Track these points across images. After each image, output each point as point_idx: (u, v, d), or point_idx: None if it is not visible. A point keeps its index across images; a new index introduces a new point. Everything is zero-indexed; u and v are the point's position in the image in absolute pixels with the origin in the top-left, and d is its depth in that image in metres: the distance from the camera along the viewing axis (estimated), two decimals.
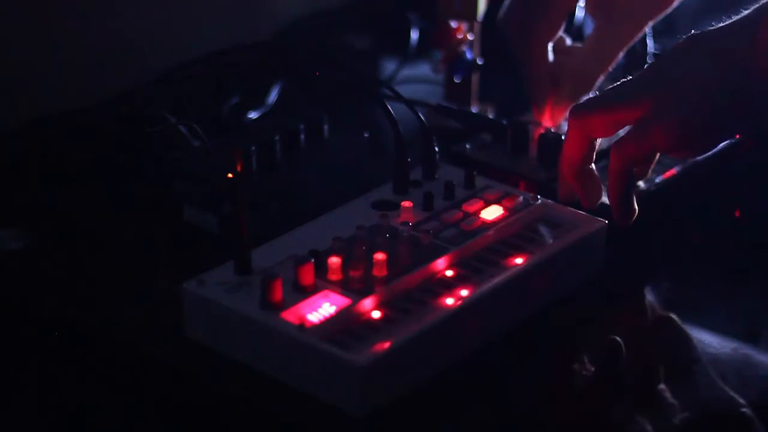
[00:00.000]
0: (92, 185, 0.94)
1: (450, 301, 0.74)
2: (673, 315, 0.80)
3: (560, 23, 0.96)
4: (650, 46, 0.96)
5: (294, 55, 1.07)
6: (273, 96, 1.07)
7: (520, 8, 0.96)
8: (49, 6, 1.05)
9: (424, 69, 1.12)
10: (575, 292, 0.81)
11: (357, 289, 0.73)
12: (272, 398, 0.71)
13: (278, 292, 0.72)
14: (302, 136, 0.99)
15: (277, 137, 0.96)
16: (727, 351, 0.77)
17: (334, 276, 0.74)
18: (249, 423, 0.72)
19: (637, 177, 0.85)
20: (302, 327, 0.70)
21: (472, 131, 0.98)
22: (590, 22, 1.00)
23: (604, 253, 0.83)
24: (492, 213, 0.82)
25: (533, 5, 0.95)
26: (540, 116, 0.97)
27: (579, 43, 0.99)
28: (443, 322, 0.72)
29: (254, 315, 0.71)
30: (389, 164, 0.85)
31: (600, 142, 0.81)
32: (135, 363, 0.77)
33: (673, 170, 0.90)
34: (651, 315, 0.82)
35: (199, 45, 1.07)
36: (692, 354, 0.76)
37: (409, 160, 0.85)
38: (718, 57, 0.75)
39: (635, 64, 0.92)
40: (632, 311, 0.82)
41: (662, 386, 0.73)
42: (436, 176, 0.87)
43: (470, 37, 1.04)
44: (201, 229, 0.87)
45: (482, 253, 0.78)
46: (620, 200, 0.80)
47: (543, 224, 0.82)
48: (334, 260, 0.74)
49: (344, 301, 0.72)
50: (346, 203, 0.83)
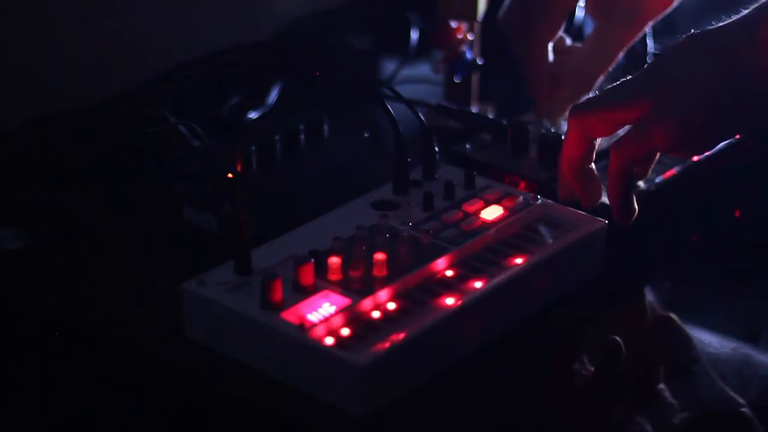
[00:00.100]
0: (92, 185, 0.94)
1: (450, 301, 0.74)
2: (673, 315, 0.80)
3: (560, 23, 0.96)
4: (650, 46, 0.96)
5: (294, 55, 1.07)
6: (273, 96, 1.07)
7: (520, 8, 0.96)
8: (49, 6, 1.05)
9: (424, 69, 1.12)
10: (575, 292, 0.81)
11: (357, 289, 0.73)
12: (272, 398, 0.71)
13: (278, 292, 0.72)
14: (302, 136, 0.99)
15: (277, 137, 0.96)
16: (727, 351, 0.77)
17: (334, 276, 0.74)
18: (249, 423, 0.72)
19: (637, 177, 0.84)
20: (302, 327, 0.70)
21: (472, 131, 0.98)
22: (590, 22, 1.00)
23: (604, 253, 0.83)
24: (492, 213, 0.82)
25: (533, 5, 0.95)
26: (540, 116, 0.97)
27: (579, 43, 0.99)
28: (443, 322, 0.72)
29: (254, 315, 0.71)
30: (389, 164, 0.85)
31: (600, 142, 0.81)
32: (135, 363, 0.77)
33: (673, 170, 0.90)
34: (651, 315, 0.82)
35: (199, 45, 1.07)
36: (692, 354, 0.76)
37: (409, 160, 0.85)
38: (717, 56, 0.75)
39: (635, 64, 0.92)
40: (632, 311, 0.82)
41: (662, 386, 0.73)
42: (436, 176, 0.87)
43: (470, 37, 1.04)
44: (201, 229, 0.87)
45: (482, 253, 0.78)
46: (620, 200, 0.80)
47: (543, 224, 0.82)
48: (334, 260, 0.74)
49: (344, 301, 0.72)
50: (346, 203, 0.83)
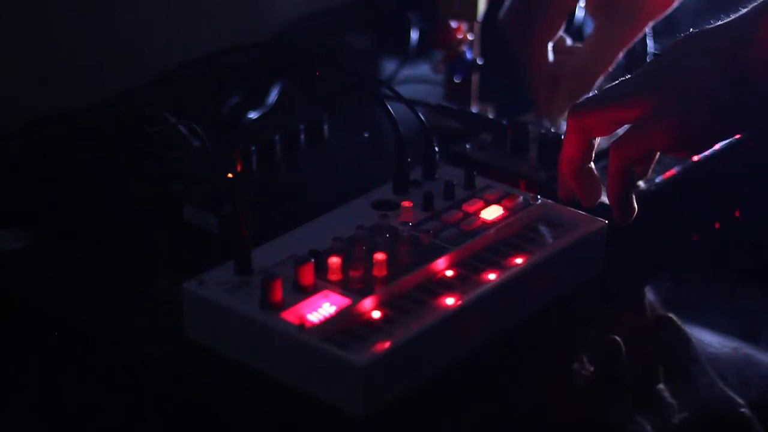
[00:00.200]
0: (92, 185, 0.94)
1: (450, 301, 0.74)
2: (672, 315, 0.80)
3: (560, 23, 0.96)
4: (650, 46, 0.96)
5: (294, 55, 1.07)
6: (273, 96, 1.07)
7: (520, 8, 0.96)
8: (49, 6, 1.05)
9: (424, 69, 1.12)
10: (575, 292, 0.81)
11: (357, 289, 0.73)
12: (272, 398, 0.71)
13: (278, 292, 0.72)
14: (302, 136, 0.99)
15: (277, 137, 0.96)
16: (727, 351, 0.77)
17: (334, 276, 0.74)
18: (249, 423, 0.72)
19: (637, 177, 0.84)
20: (302, 327, 0.70)
21: (472, 131, 0.98)
22: (590, 22, 1.00)
23: (604, 253, 0.83)
24: (492, 213, 0.82)
25: (533, 5, 0.95)
26: (540, 116, 0.97)
27: (579, 43, 0.99)
28: (443, 322, 0.72)
29: (254, 315, 0.71)
30: (389, 164, 0.85)
31: (600, 142, 0.81)
32: (135, 363, 0.77)
33: (673, 170, 0.90)
34: (651, 315, 0.82)
35: (199, 45, 1.07)
36: (692, 354, 0.76)
37: (409, 160, 0.85)
38: (717, 55, 0.75)
39: (635, 64, 0.92)
40: (632, 311, 0.82)
41: (662, 386, 0.73)
42: (436, 176, 0.87)
43: (470, 37, 1.04)
44: (201, 229, 0.87)
45: (482, 253, 0.78)
46: (620, 200, 0.80)
47: (543, 224, 0.82)
48: (334, 260, 0.74)
49: (344, 301, 0.72)
50: (346, 203, 0.83)
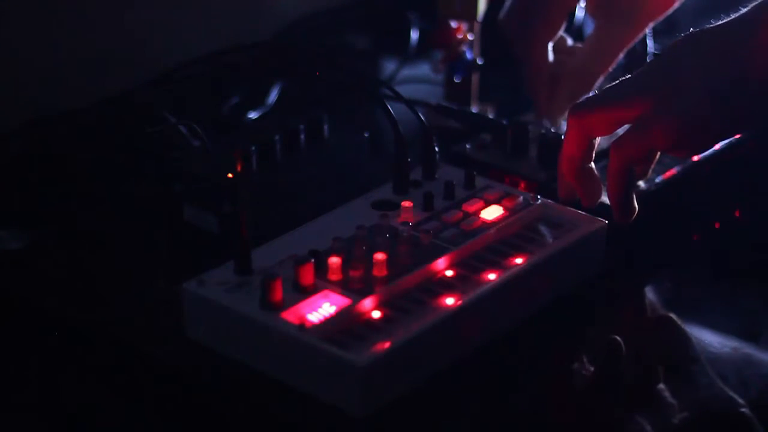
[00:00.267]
0: (92, 185, 0.94)
1: (450, 301, 0.74)
2: (673, 315, 0.80)
3: (560, 23, 0.96)
4: (650, 46, 0.96)
5: (294, 55, 1.07)
6: (273, 96, 1.07)
7: (520, 8, 0.96)
8: (49, 6, 1.05)
9: (424, 69, 1.12)
10: (575, 292, 0.81)
11: (357, 289, 0.73)
12: (272, 398, 0.71)
13: (278, 292, 0.72)
14: (302, 136, 0.99)
15: (277, 137, 0.96)
16: (728, 350, 0.77)
17: (334, 276, 0.74)
18: (249, 423, 0.72)
19: (637, 177, 0.84)
20: (302, 327, 0.70)
21: (472, 131, 0.98)
22: (590, 22, 1.00)
23: (604, 253, 0.83)
24: (492, 213, 0.82)
25: (533, 6, 0.95)
26: (540, 116, 0.97)
27: (579, 43, 0.99)
28: (443, 322, 0.72)
29: (254, 315, 0.71)
30: (389, 164, 0.85)
31: (600, 142, 0.81)
32: (135, 363, 0.77)
33: (673, 170, 0.90)
34: (651, 315, 0.82)
35: (199, 45, 1.07)
36: (692, 354, 0.76)
37: (409, 160, 0.85)
38: (717, 55, 0.75)
39: (635, 64, 0.92)
40: (632, 311, 0.82)
41: (662, 386, 0.73)
42: (436, 176, 0.87)
43: (470, 37, 1.04)
44: (201, 229, 0.87)
45: (482, 253, 0.78)
46: (620, 199, 0.80)
47: (543, 224, 0.82)
48: (334, 260, 0.74)
49: (344, 301, 0.72)
50: (346, 203, 0.83)
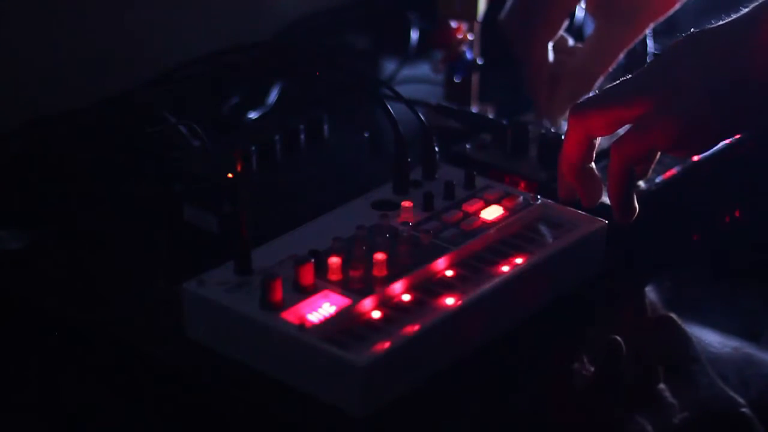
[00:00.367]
0: (92, 185, 0.94)
1: (450, 301, 0.74)
2: (673, 315, 0.80)
3: (561, 23, 0.96)
4: (650, 46, 0.96)
5: (294, 55, 1.07)
6: (273, 96, 1.07)
7: (521, 8, 0.96)
8: (49, 6, 1.05)
9: (424, 69, 1.12)
10: (575, 292, 0.81)
11: (357, 289, 0.73)
12: (272, 398, 0.71)
13: (278, 292, 0.72)
14: (302, 136, 0.99)
15: (277, 137, 0.96)
16: (728, 350, 0.77)
17: (334, 276, 0.74)
18: (249, 423, 0.72)
19: (637, 176, 0.84)
20: (302, 327, 0.70)
21: (472, 131, 0.98)
22: (590, 22, 1.00)
23: (604, 253, 0.83)
24: (492, 213, 0.82)
25: (534, 6, 0.96)
26: (540, 116, 0.97)
27: (579, 43, 0.99)
28: (443, 322, 0.72)
29: (254, 315, 0.71)
30: (389, 164, 0.85)
31: (600, 142, 0.81)
32: (135, 363, 0.77)
33: (673, 170, 0.90)
34: (651, 315, 0.82)
35: (199, 45, 1.07)
36: (692, 354, 0.76)
37: (409, 160, 0.85)
38: (717, 55, 0.75)
39: (635, 64, 0.92)
40: (632, 311, 0.82)
41: (662, 386, 0.73)
42: (436, 176, 0.87)
43: (470, 37, 1.04)
44: (201, 229, 0.87)
45: (482, 253, 0.78)
46: (621, 199, 0.79)
47: (543, 224, 0.82)
48: (334, 260, 0.74)
49: (344, 301, 0.72)
50: (346, 203, 0.83)
